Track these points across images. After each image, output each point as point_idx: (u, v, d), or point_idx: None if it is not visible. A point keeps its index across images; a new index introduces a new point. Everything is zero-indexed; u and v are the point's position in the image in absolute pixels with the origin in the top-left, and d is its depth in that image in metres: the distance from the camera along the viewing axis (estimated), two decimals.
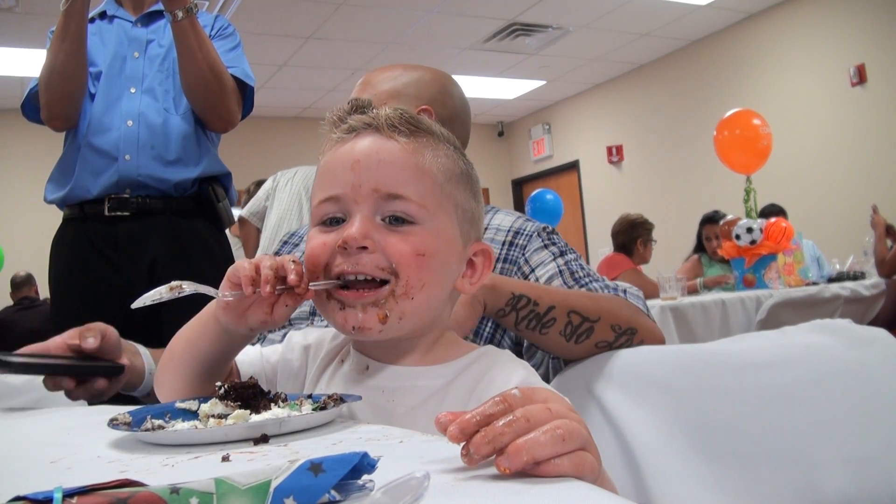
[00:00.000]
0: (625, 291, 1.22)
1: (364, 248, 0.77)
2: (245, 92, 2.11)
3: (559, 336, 1.14)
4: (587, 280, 1.23)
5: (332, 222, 0.81)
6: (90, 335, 1.07)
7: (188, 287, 0.77)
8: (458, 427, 0.51)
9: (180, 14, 1.88)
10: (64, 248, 2.05)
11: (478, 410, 0.52)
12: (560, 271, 1.25)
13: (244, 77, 2.08)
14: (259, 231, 4.05)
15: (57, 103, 1.95)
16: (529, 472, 0.49)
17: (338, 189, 0.80)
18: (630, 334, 1.18)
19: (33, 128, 2.23)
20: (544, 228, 1.34)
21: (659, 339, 1.22)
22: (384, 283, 0.78)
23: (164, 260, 1.98)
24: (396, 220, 0.79)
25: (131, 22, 2.07)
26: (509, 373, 0.81)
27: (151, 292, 0.77)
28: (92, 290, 1.98)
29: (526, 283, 1.15)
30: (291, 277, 0.78)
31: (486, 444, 0.50)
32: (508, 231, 1.32)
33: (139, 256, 1.97)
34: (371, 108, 0.85)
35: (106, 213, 1.97)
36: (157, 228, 1.99)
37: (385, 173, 0.79)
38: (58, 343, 1.08)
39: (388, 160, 0.80)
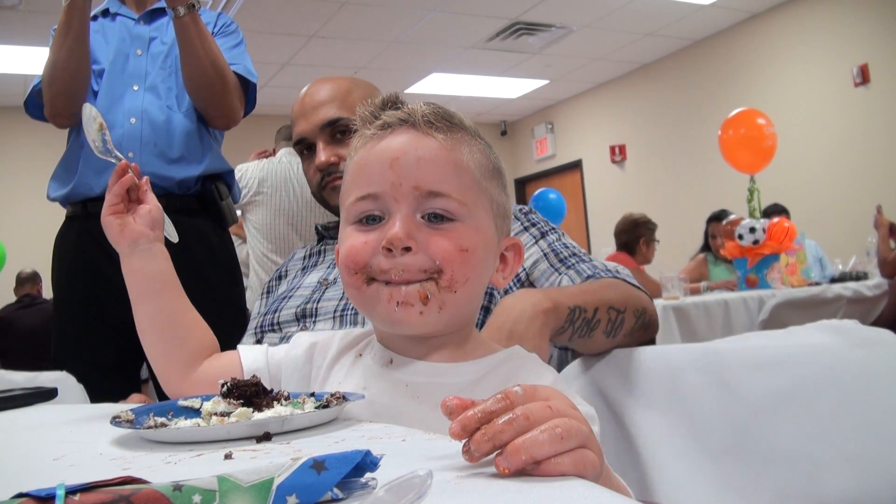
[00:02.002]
0: (617, 271, 1.23)
1: (408, 248, 0.76)
2: (248, 89, 2.11)
3: (602, 335, 1.13)
4: (574, 260, 1.23)
5: (369, 220, 0.80)
6: None
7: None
8: (459, 424, 0.51)
9: (182, 10, 1.88)
10: (67, 246, 2.05)
11: (479, 407, 0.52)
12: (545, 254, 1.25)
13: (246, 74, 2.08)
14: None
15: (60, 99, 1.95)
16: (530, 471, 0.49)
17: (376, 187, 0.79)
18: (644, 314, 1.19)
19: (36, 125, 2.23)
20: (521, 209, 1.34)
21: (654, 308, 1.24)
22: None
23: None
24: (436, 218, 0.78)
25: (134, 19, 2.07)
26: (538, 377, 0.80)
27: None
28: (94, 288, 1.98)
29: (568, 291, 1.12)
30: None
31: (486, 441, 0.50)
32: None
33: None
34: (403, 104, 0.85)
35: None
36: None
37: (425, 171, 0.78)
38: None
39: (428, 157, 0.79)
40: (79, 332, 1.99)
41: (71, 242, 2.03)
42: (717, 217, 4.92)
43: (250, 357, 0.95)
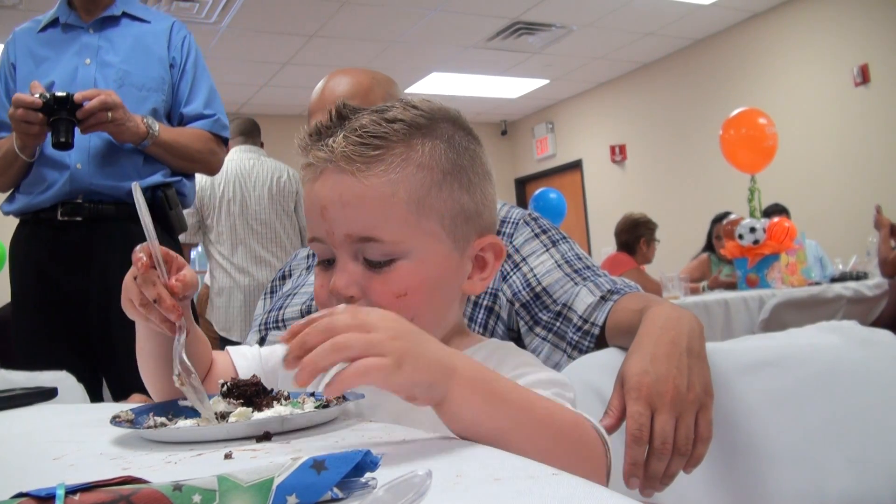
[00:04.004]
0: (630, 286, 1.20)
1: (351, 297, 0.78)
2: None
3: None
4: (589, 273, 1.22)
5: (328, 262, 0.82)
6: None
7: None
8: (289, 333, 0.59)
9: (145, 143, 1.94)
10: (18, 250, 2.04)
11: (306, 319, 0.60)
12: (559, 264, 1.23)
13: (220, 131, 2.13)
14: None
15: (4, 188, 2.07)
16: (326, 392, 0.59)
17: (317, 232, 0.81)
18: None
19: None
20: (529, 214, 1.33)
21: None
22: None
23: (115, 266, 1.95)
24: (375, 262, 0.78)
25: (83, 28, 2.05)
26: (521, 362, 0.81)
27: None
28: (46, 293, 1.98)
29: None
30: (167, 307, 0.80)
31: (297, 348, 0.58)
32: None
33: (91, 262, 1.96)
34: (329, 136, 0.79)
35: (59, 217, 1.96)
36: (109, 234, 1.97)
37: (351, 218, 0.77)
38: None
39: (352, 203, 0.77)
40: (34, 336, 2.00)
41: (21, 246, 2.03)
42: (722, 218, 4.92)
43: (243, 365, 0.94)
